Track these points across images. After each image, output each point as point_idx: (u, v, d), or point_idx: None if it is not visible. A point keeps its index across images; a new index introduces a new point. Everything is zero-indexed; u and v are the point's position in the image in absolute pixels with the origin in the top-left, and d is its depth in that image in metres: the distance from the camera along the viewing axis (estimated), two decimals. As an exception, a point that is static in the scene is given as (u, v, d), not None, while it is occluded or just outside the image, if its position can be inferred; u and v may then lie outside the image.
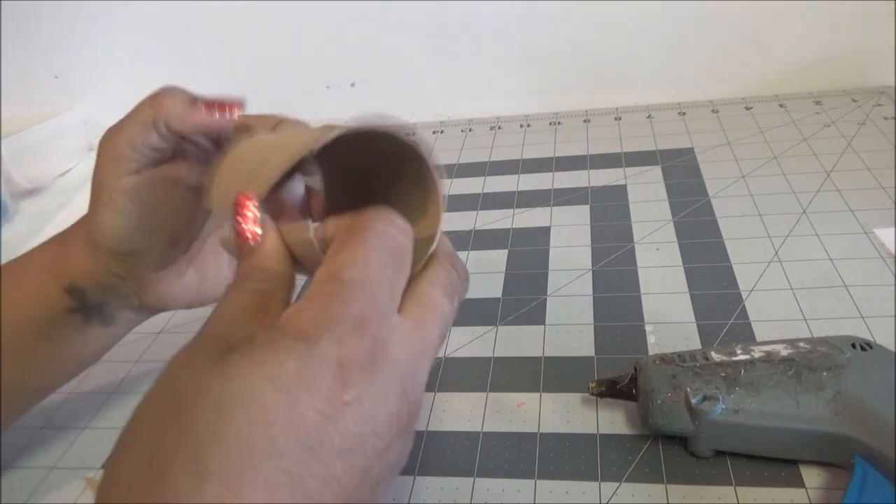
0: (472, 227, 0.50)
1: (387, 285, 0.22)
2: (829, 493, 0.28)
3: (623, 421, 0.33)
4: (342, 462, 0.19)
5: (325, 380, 0.19)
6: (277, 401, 0.18)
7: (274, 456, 0.18)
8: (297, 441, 0.18)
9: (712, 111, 0.62)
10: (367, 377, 0.20)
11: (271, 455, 0.18)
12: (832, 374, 0.28)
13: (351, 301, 0.20)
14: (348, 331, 0.20)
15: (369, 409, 0.20)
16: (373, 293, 0.21)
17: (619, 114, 0.64)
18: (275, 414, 0.18)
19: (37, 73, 0.75)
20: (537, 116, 0.67)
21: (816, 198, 0.47)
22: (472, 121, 0.69)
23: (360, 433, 0.19)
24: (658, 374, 0.30)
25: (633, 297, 0.41)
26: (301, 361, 0.19)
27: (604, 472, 0.30)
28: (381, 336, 0.21)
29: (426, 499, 0.31)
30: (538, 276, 0.44)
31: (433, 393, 0.36)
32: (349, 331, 0.20)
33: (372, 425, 0.20)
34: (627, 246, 0.45)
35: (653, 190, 0.51)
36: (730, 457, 0.30)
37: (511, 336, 0.39)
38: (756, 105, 0.61)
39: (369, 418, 0.20)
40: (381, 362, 0.20)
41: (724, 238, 0.44)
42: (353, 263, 0.21)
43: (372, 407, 0.20)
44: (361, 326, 0.20)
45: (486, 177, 0.57)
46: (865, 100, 0.59)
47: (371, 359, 0.20)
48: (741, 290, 0.39)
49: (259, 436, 0.18)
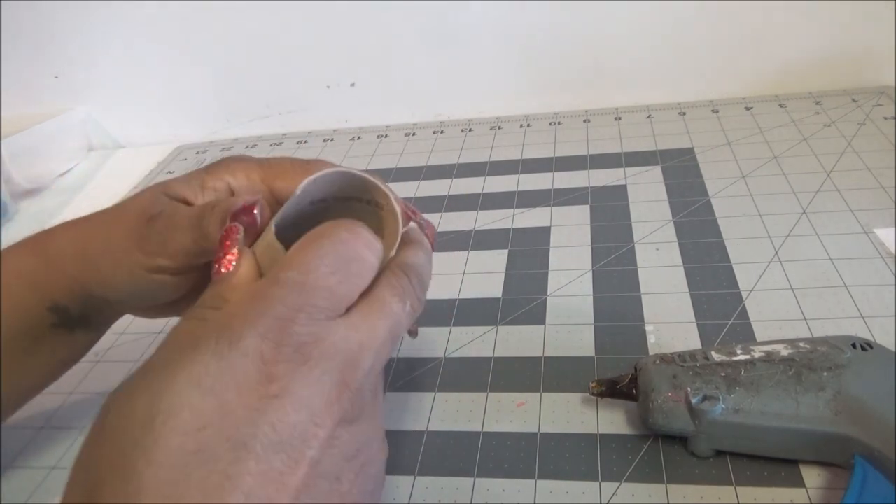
0: (473, 227, 0.50)
1: (326, 290, 0.22)
2: (829, 493, 0.28)
3: (623, 421, 0.33)
4: (281, 455, 0.19)
5: (250, 375, 0.19)
6: (205, 404, 0.18)
7: (208, 460, 0.18)
8: (228, 441, 0.18)
9: (712, 111, 0.62)
10: (294, 368, 0.20)
11: (205, 460, 0.18)
12: (832, 374, 0.28)
13: (280, 299, 0.21)
14: (273, 327, 0.20)
15: (303, 399, 0.20)
16: (308, 295, 0.21)
17: (619, 114, 0.64)
18: (204, 418, 0.18)
19: (37, 73, 0.75)
20: (537, 116, 0.67)
21: (816, 198, 0.47)
22: (472, 121, 0.69)
23: (294, 422, 0.19)
24: (658, 374, 0.30)
25: (633, 297, 0.41)
26: (223, 360, 0.19)
27: (604, 472, 0.30)
28: (314, 332, 0.21)
29: (426, 499, 0.31)
30: (538, 276, 0.44)
31: (433, 393, 0.36)
32: (274, 327, 0.20)
33: (307, 413, 0.20)
34: (627, 246, 0.45)
35: (653, 190, 0.51)
36: (730, 457, 0.30)
37: (511, 336, 0.39)
38: (756, 105, 0.61)
39: (303, 407, 0.20)
40: (312, 354, 0.20)
41: (724, 238, 0.44)
42: (297, 266, 0.22)
43: (305, 396, 0.20)
44: (288, 324, 0.20)
45: (486, 177, 0.57)
46: (865, 100, 0.59)
47: (299, 352, 0.20)
48: (741, 290, 0.39)
49: (189, 442, 0.18)
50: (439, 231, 0.50)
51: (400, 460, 0.33)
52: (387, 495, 0.31)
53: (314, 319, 0.21)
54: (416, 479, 0.32)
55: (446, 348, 0.39)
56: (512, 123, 0.67)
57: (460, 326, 0.41)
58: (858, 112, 0.57)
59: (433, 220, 0.52)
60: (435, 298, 0.43)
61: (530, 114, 0.68)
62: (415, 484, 0.32)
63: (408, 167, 0.62)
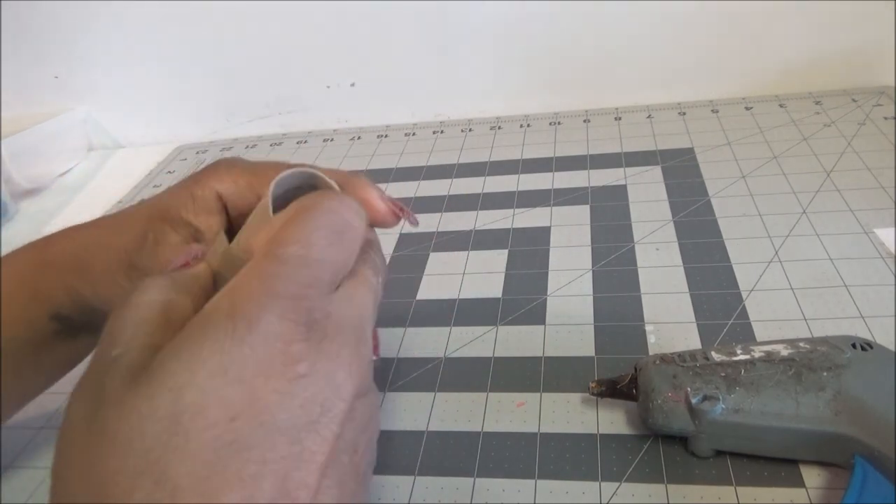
0: (473, 227, 0.50)
1: (330, 263, 0.22)
2: (829, 493, 0.28)
3: (623, 421, 0.33)
4: (312, 434, 0.19)
5: (274, 358, 0.19)
6: (234, 393, 0.18)
7: (242, 449, 0.17)
8: (262, 427, 0.18)
9: (712, 111, 0.62)
10: (315, 345, 0.20)
11: (239, 449, 0.17)
12: (832, 374, 0.28)
13: (290, 278, 0.20)
14: (289, 307, 0.20)
15: (328, 375, 0.20)
16: (313, 269, 0.21)
17: (619, 114, 0.64)
18: (235, 408, 0.18)
19: (37, 73, 0.75)
20: (537, 116, 0.67)
21: (816, 198, 0.47)
22: (472, 121, 0.69)
23: (323, 400, 0.19)
24: (658, 374, 0.30)
25: (633, 297, 0.41)
26: (246, 346, 0.19)
27: (604, 472, 0.30)
28: (323, 307, 0.21)
29: (426, 499, 0.31)
30: (538, 276, 0.44)
31: (433, 393, 0.36)
32: (290, 307, 0.20)
33: (332, 389, 0.20)
34: (627, 246, 0.45)
35: (653, 190, 0.51)
36: (730, 457, 0.30)
37: (511, 336, 0.39)
38: (756, 105, 0.61)
39: (328, 384, 0.20)
40: (328, 330, 0.20)
41: (724, 238, 0.44)
42: (296, 240, 0.21)
43: (329, 371, 0.20)
44: (302, 301, 0.20)
45: (486, 177, 0.57)
46: (865, 100, 0.59)
47: (315, 329, 0.20)
48: (741, 290, 0.39)
49: (224, 434, 0.17)
50: (439, 231, 0.51)
51: (400, 460, 0.33)
52: (387, 495, 0.31)
53: (322, 294, 0.21)
54: (416, 479, 0.32)
55: (446, 348, 0.39)
56: (512, 123, 0.67)
57: (460, 326, 0.41)
58: (858, 112, 0.57)
59: (433, 220, 0.52)
60: (435, 298, 0.43)
61: (530, 114, 0.68)
62: (415, 484, 0.32)
63: (408, 167, 0.62)
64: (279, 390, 0.19)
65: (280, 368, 0.19)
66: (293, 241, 0.21)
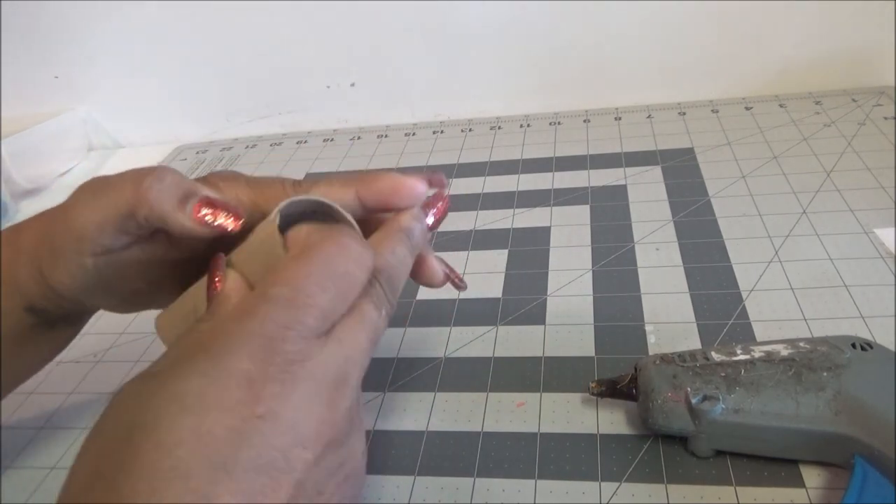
0: (473, 227, 0.50)
1: (317, 308, 0.21)
2: (829, 493, 0.28)
3: (623, 421, 0.33)
4: (263, 478, 0.18)
5: (234, 395, 0.19)
6: (183, 421, 0.18)
7: (181, 477, 0.18)
8: (206, 459, 0.18)
9: (712, 111, 0.62)
10: (281, 390, 0.19)
11: (178, 476, 0.18)
12: (832, 374, 0.28)
13: (268, 317, 0.20)
14: (260, 346, 0.20)
15: (289, 421, 0.19)
16: (297, 312, 0.21)
17: (619, 114, 0.64)
18: (180, 435, 0.18)
19: (37, 73, 0.75)
20: (537, 116, 0.67)
21: (816, 198, 0.47)
22: (472, 121, 0.69)
23: (279, 445, 0.19)
24: (658, 374, 0.30)
25: (633, 297, 0.41)
26: (206, 378, 0.19)
27: (604, 472, 0.30)
28: (302, 350, 0.20)
29: (426, 499, 0.31)
30: (538, 276, 0.44)
31: (433, 393, 0.36)
32: (261, 346, 0.20)
33: (293, 436, 0.19)
34: (627, 246, 0.45)
35: (653, 190, 0.51)
36: (730, 457, 0.30)
37: (511, 336, 0.39)
38: (756, 105, 0.61)
39: (289, 430, 0.19)
40: (300, 374, 0.20)
41: (724, 238, 0.44)
42: (286, 282, 0.21)
43: (292, 418, 0.19)
44: (276, 342, 0.20)
45: (486, 177, 0.57)
46: (865, 100, 0.59)
47: (286, 371, 0.20)
48: (741, 290, 0.39)
49: (164, 458, 0.18)
50: (439, 231, 0.50)
51: (400, 460, 0.33)
52: (387, 495, 0.31)
53: (302, 337, 0.21)
54: (416, 479, 0.32)
55: (446, 348, 0.39)
56: (512, 123, 0.67)
57: (460, 326, 0.41)
58: (858, 112, 0.57)
59: (433, 220, 0.52)
60: (435, 298, 0.43)
61: (530, 114, 0.68)
62: (415, 484, 0.32)
63: (408, 167, 0.62)
64: (232, 427, 0.18)
65: (237, 407, 0.19)
66: (283, 282, 0.22)
